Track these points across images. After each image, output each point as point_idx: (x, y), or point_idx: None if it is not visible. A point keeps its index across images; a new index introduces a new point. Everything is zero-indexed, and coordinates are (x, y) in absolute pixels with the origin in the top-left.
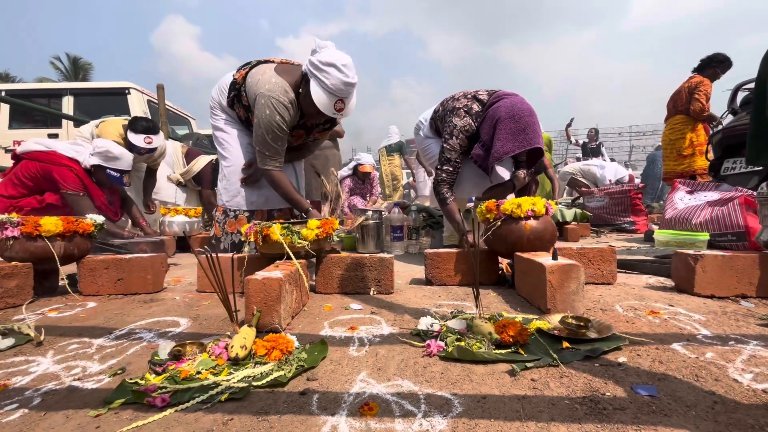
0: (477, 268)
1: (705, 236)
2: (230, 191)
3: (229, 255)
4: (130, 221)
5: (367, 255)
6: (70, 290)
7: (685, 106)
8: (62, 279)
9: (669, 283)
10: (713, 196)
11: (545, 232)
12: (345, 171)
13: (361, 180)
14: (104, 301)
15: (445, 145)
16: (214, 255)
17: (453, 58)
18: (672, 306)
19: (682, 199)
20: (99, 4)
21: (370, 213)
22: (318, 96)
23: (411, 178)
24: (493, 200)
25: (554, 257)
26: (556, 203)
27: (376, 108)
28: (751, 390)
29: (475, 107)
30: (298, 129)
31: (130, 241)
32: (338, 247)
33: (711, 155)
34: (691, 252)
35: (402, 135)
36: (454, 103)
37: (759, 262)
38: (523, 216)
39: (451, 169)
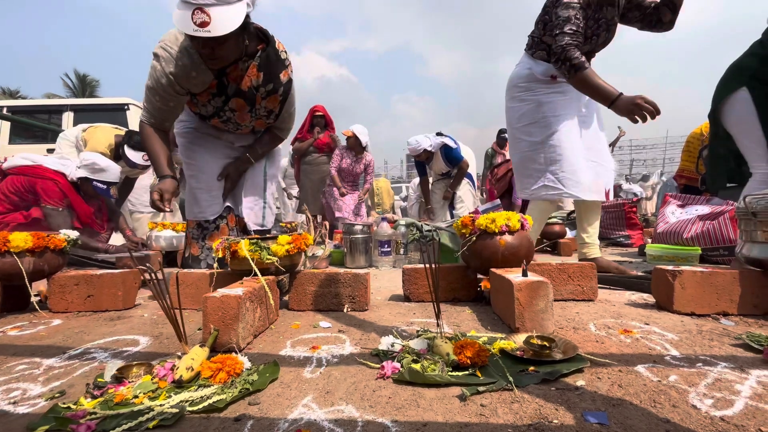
0: (437, 285)
1: (697, 250)
2: (201, 200)
3: (197, 271)
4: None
5: (341, 271)
6: (37, 307)
7: None
8: (35, 296)
9: (651, 299)
10: (704, 210)
11: (521, 247)
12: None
13: (351, 150)
14: (71, 318)
15: (558, 9)
16: (157, 271)
17: (454, 73)
18: (647, 324)
19: (673, 213)
20: (109, 24)
21: (358, 227)
22: (174, 14)
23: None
24: (468, 215)
25: (524, 274)
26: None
27: (378, 124)
28: (708, 417)
29: None
30: (237, 98)
31: (116, 255)
32: (325, 263)
33: (702, 168)
34: (669, 267)
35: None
36: None
37: (739, 278)
38: (497, 231)
39: (574, 28)
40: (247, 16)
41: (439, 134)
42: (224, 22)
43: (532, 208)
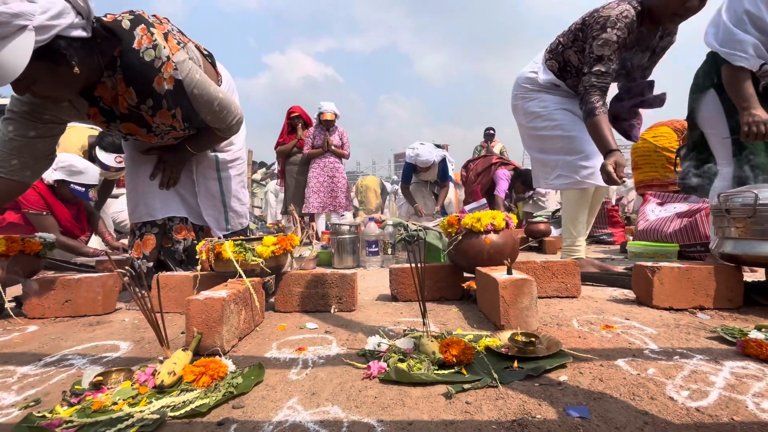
0: (423, 284)
1: (675, 247)
2: (128, 202)
3: (180, 274)
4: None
5: (328, 271)
6: (12, 313)
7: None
8: (9, 301)
9: (632, 295)
10: (682, 207)
11: (505, 246)
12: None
13: (325, 128)
14: (47, 324)
15: (594, 43)
16: (135, 274)
17: (440, 74)
18: (628, 319)
19: (653, 211)
20: None
21: (346, 228)
22: None
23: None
24: (454, 215)
25: (509, 272)
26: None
27: (365, 124)
28: (684, 408)
29: None
30: (125, 122)
31: (96, 259)
32: (313, 264)
33: (679, 168)
34: (648, 264)
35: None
36: (594, 13)
37: (714, 273)
38: (482, 230)
39: (603, 69)
40: (58, 38)
41: (438, 146)
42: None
43: (564, 200)
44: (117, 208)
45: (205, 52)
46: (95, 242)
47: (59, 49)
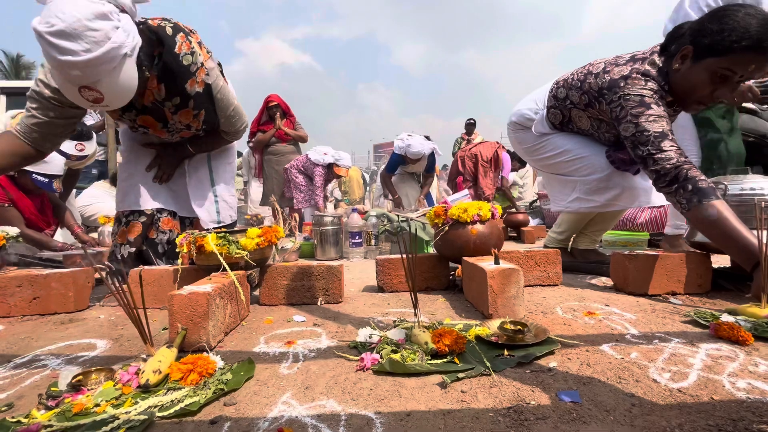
0: (414, 275)
1: (645, 236)
2: (119, 190)
3: (159, 267)
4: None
5: (314, 263)
6: None
7: None
8: None
9: (609, 282)
10: None
11: (491, 236)
12: (318, 157)
13: (336, 177)
14: (14, 323)
15: (642, 120)
16: (116, 269)
17: (419, 64)
18: (608, 306)
19: None
20: None
21: (329, 219)
22: (56, 79)
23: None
24: (442, 206)
25: (496, 261)
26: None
27: (344, 114)
28: (668, 390)
29: (651, 69)
30: (144, 115)
31: (64, 253)
32: (295, 256)
33: None
34: (626, 252)
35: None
36: (606, 77)
37: (686, 260)
38: (469, 221)
39: (676, 146)
40: (140, 50)
41: (427, 138)
42: (119, 93)
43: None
44: (84, 202)
45: (217, 61)
46: (61, 236)
47: (140, 62)
